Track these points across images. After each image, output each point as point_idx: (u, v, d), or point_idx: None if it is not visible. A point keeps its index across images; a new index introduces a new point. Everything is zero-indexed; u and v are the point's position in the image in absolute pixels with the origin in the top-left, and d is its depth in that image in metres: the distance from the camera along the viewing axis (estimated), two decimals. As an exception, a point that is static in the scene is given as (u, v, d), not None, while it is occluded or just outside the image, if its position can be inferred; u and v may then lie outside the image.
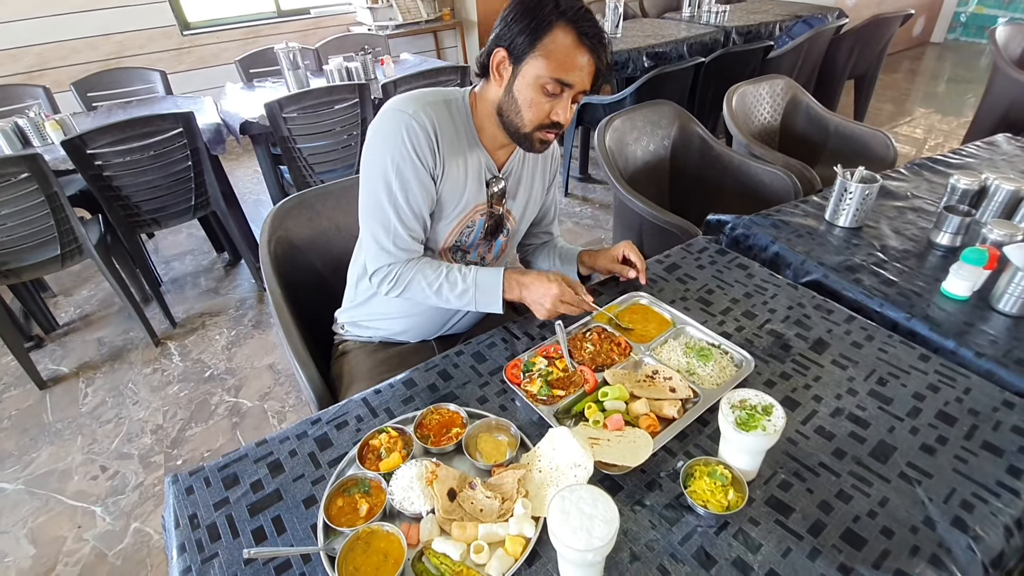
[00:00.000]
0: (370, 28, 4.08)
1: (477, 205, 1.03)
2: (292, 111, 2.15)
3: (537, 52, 0.86)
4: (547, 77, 0.86)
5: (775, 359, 0.95)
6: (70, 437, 1.85)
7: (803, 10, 4.11)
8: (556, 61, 0.86)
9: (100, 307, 2.51)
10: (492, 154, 1.02)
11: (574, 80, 0.87)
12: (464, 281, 0.97)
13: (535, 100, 0.89)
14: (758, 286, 1.13)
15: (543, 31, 0.85)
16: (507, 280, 0.97)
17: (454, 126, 0.97)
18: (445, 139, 0.95)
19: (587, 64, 0.87)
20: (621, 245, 1.12)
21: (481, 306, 0.97)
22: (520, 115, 0.91)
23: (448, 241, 1.05)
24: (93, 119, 2.45)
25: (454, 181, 0.99)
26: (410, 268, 0.98)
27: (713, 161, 1.98)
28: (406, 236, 0.97)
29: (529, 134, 0.93)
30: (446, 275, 0.97)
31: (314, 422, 0.87)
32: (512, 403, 0.88)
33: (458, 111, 0.98)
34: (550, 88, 0.87)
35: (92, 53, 3.56)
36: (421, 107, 0.93)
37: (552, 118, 0.90)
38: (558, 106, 0.90)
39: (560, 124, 0.92)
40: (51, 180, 1.84)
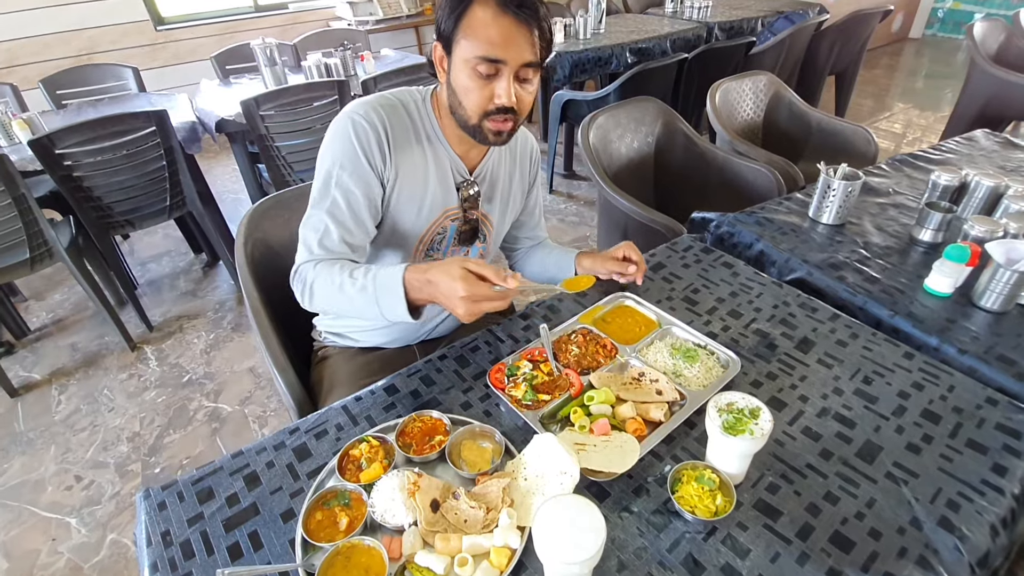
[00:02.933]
0: (350, 23, 4.01)
1: (447, 210, 0.99)
2: (269, 108, 2.10)
3: (461, 35, 0.82)
4: (474, 58, 0.81)
5: (761, 359, 0.94)
6: (43, 446, 1.79)
7: (785, 5, 4.14)
8: (479, 39, 0.80)
9: (73, 311, 2.44)
10: (463, 157, 0.98)
11: (503, 55, 0.80)
12: (364, 277, 0.83)
13: (471, 86, 0.84)
14: (743, 285, 1.13)
15: (464, 11, 0.81)
16: (410, 278, 0.80)
17: (412, 128, 0.93)
18: (399, 141, 0.91)
19: (515, 34, 0.80)
20: (622, 246, 1.10)
21: (386, 309, 0.82)
22: (463, 106, 0.87)
23: (419, 250, 1.01)
24: (62, 117, 2.37)
25: (413, 184, 0.94)
26: (320, 267, 0.88)
27: (697, 158, 1.98)
28: (336, 238, 0.89)
29: (477, 125, 0.87)
30: (351, 272, 0.85)
31: (292, 431, 0.84)
32: (497, 408, 0.87)
33: (417, 112, 0.94)
34: (482, 70, 0.82)
35: (63, 49, 3.45)
36: (372, 108, 0.90)
37: (495, 102, 0.84)
38: (497, 88, 0.83)
39: (508, 109, 0.84)
40: (18, 181, 1.78)
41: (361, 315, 0.83)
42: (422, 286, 0.80)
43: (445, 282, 0.77)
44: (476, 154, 1.00)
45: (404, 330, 1.12)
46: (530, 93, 0.88)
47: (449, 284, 0.76)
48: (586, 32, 3.32)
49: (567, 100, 2.96)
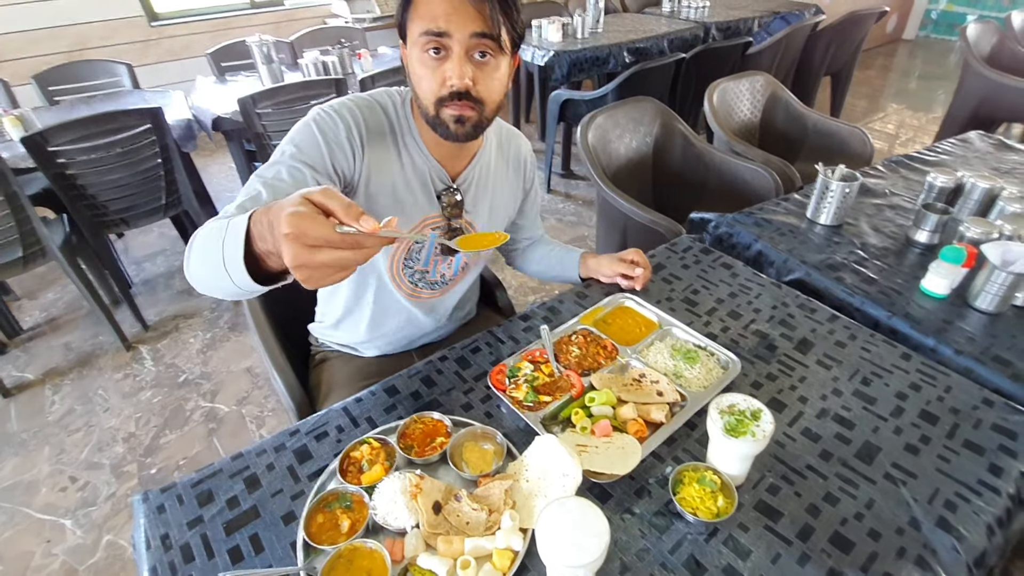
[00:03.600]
0: (347, 21, 3.99)
1: (426, 218, 0.95)
2: (266, 106, 2.09)
3: (411, 18, 0.78)
4: (419, 36, 0.76)
5: (761, 360, 0.95)
6: (36, 447, 1.78)
7: (781, 6, 4.15)
8: (423, 15, 0.75)
9: (67, 310, 2.42)
10: (445, 163, 0.93)
11: (445, 26, 0.74)
12: (227, 219, 0.60)
13: (421, 71, 0.79)
14: (742, 286, 1.13)
15: None
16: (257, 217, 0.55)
17: (389, 129, 0.89)
18: (373, 140, 0.87)
19: (460, 3, 0.74)
20: (630, 251, 1.10)
21: (229, 259, 0.56)
22: (419, 95, 0.82)
23: (396, 259, 0.97)
24: (55, 114, 2.35)
25: (385, 188, 0.89)
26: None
27: (695, 158, 1.98)
28: (252, 208, 0.66)
29: (436, 116, 0.81)
30: (224, 218, 0.64)
31: (292, 433, 0.83)
32: (498, 409, 0.87)
33: (395, 114, 0.90)
34: (429, 47, 0.76)
35: (53, 44, 3.41)
36: (345, 104, 0.86)
37: (447, 84, 0.78)
38: (447, 68, 0.77)
39: (462, 92, 0.78)
40: (10, 179, 1.76)
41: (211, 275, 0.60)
42: (264, 231, 0.54)
43: (277, 217, 0.51)
44: (460, 160, 0.95)
45: (399, 340, 1.11)
46: (494, 77, 0.80)
47: (278, 218, 0.50)
48: (584, 32, 3.32)
49: (565, 99, 2.96)
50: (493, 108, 0.84)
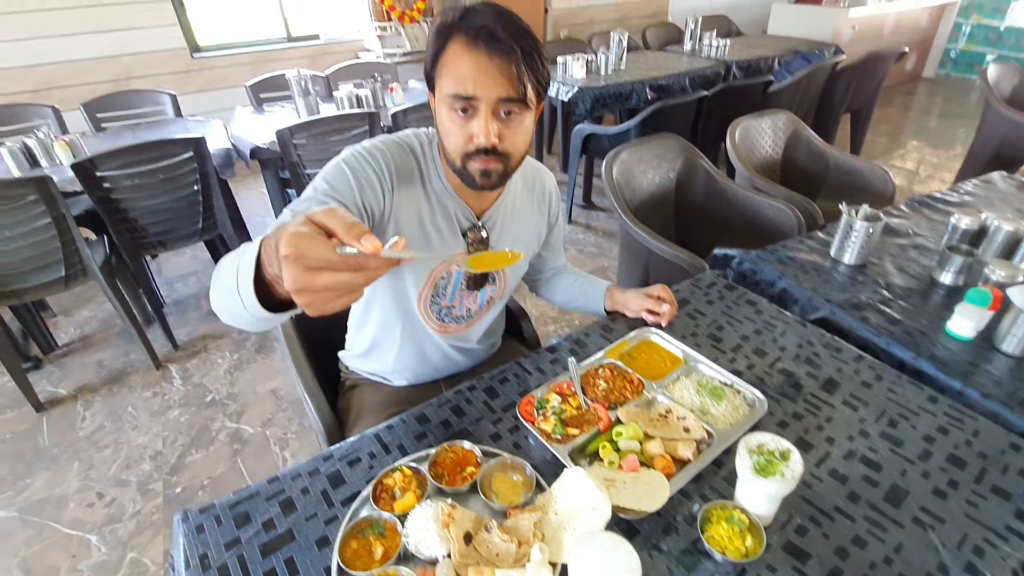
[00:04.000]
0: (378, 55, 4.15)
1: (452, 255, 0.98)
2: (302, 137, 2.18)
3: (439, 73, 0.81)
4: (448, 96, 0.80)
5: (787, 398, 0.95)
6: (66, 463, 1.82)
7: (800, 45, 4.23)
8: (452, 76, 0.79)
9: (101, 328, 2.50)
10: (469, 201, 0.96)
11: (474, 91, 0.78)
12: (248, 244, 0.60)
13: (449, 127, 0.83)
14: (767, 323, 1.14)
15: (441, 48, 0.80)
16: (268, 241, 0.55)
17: (417, 170, 0.93)
18: (401, 179, 0.90)
19: (489, 69, 0.77)
20: (657, 287, 1.13)
21: (242, 283, 0.56)
22: (446, 147, 0.86)
23: (423, 295, 1.00)
24: (102, 140, 2.47)
25: (411, 226, 0.92)
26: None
27: (717, 194, 2.01)
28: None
29: (462, 167, 0.85)
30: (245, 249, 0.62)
31: (326, 458, 0.86)
32: (526, 440, 0.88)
33: (423, 155, 0.94)
34: (457, 107, 0.80)
35: (101, 73, 3.60)
36: (375, 144, 0.90)
37: (474, 142, 0.81)
38: (473, 126, 0.81)
39: (489, 149, 0.81)
40: (59, 202, 1.85)
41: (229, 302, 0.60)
42: (271, 255, 0.54)
43: (279, 236, 0.49)
44: (486, 199, 0.98)
45: (428, 372, 1.13)
46: (520, 131, 0.84)
47: (279, 239, 0.49)
48: (607, 68, 3.42)
49: (588, 134, 3.03)
50: (518, 159, 0.88)
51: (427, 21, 4.40)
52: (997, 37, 6.18)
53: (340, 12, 4.34)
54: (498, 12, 0.78)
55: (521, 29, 0.79)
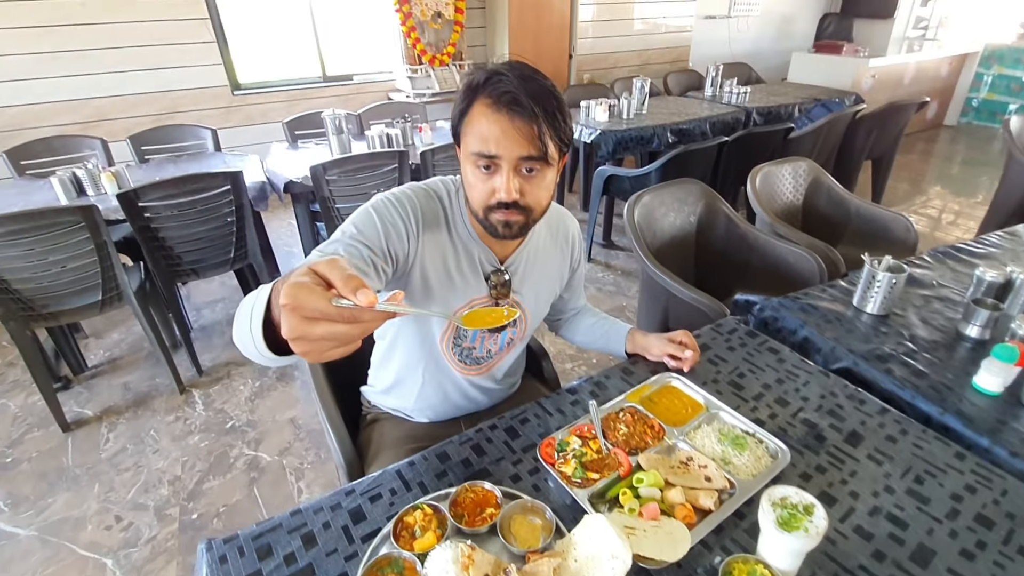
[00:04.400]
0: (408, 96, 4.32)
1: (473, 299, 1.00)
2: (335, 173, 2.27)
3: (465, 130, 0.85)
4: (472, 153, 0.84)
5: (810, 450, 0.94)
6: (87, 484, 1.85)
7: (821, 93, 4.30)
8: (476, 135, 0.83)
9: (129, 351, 2.57)
10: (493, 247, 0.99)
11: (496, 150, 0.82)
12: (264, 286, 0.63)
13: (473, 181, 0.87)
14: (789, 372, 1.14)
15: (467, 107, 0.84)
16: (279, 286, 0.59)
17: (443, 216, 0.96)
18: (428, 225, 0.93)
19: (510, 130, 0.81)
20: (679, 333, 1.14)
21: (255, 323, 0.60)
22: (470, 199, 0.90)
23: (446, 336, 1.03)
24: (145, 172, 2.60)
25: (437, 271, 0.95)
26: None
27: (738, 239, 2.03)
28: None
29: (485, 218, 0.89)
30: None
31: (348, 493, 0.87)
32: (545, 483, 0.89)
33: (449, 202, 0.97)
34: (481, 164, 0.84)
35: (148, 108, 3.81)
36: (403, 191, 0.93)
37: (496, 197, 0.85)
38: (496, 182, 0.84)
39: (511, 204, 0.85)
40: (102, 230, 1.94)
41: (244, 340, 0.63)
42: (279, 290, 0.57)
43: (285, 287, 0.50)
44: (509, 245, 1.01)
45: (449, 410, 1.15)
46: (541, 187, 0.88)
47: (281, 288, 0.52)
48: (630, 113, 3.51)
49: (609, 175, 3.09)
50: (540, 212, 0.91)
51: (455, 64, 4.59)
52: (1019, 87, 6.20)
53: (374, 54, 4.55)
54: (522, 76, 0.82)
55: (544, 90, 0.82)
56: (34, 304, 1.96)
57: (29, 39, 3.35)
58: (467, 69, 4.63)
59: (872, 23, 6.82)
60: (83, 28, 3.46)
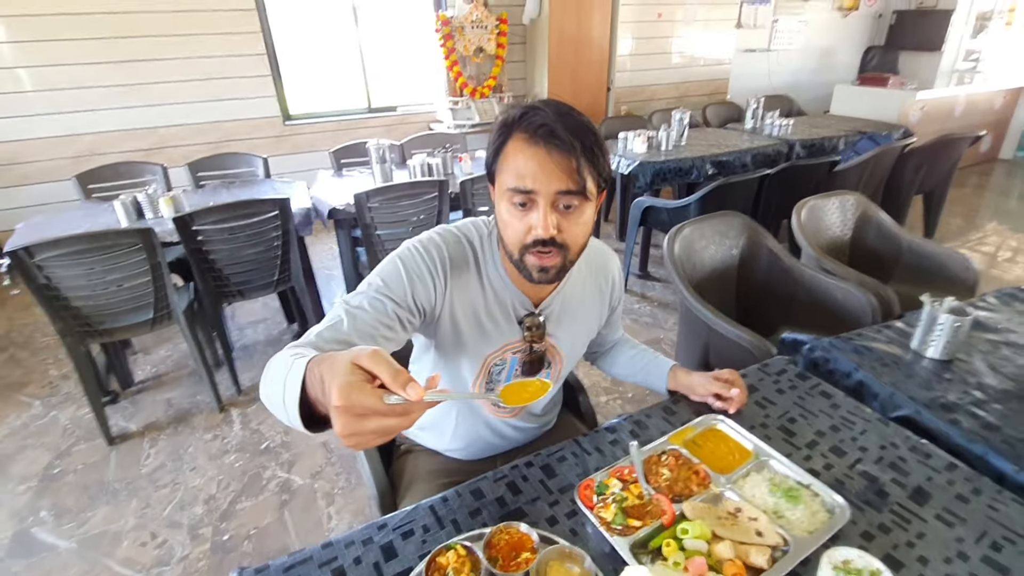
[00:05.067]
0: (449, 127, 4.44)
1: (506, 344, 0.98)
2: (377, 201, 2.32)
3: (500, 167, 0.83)
4: (507, 190, 0.81)
5: (871, 507, 0.87)
6: (126, 498, 1.89)
7: (867, 126, 4.19)
8: (511, 171, 0.81)
9: (174, 368, 2.65)
10: (527, 291, 0.96)
11: (532, 185, 0.79)
12: (297, 356, 0.64)
13: (508, 219, 0.84)
14: (845, 419, 1.07)
15: (502, 144, 0.82)
16: (312, 366, 0.60)
17: (474, 261, 0.94)
18: (457, 270, 0.91)
19: (547, 164, 0.78)
20: (725, 372, 1.10)
21: (288, 401, 0.61)
22: (504, 240, 0.87)
23: (478, 382, 1.01)
24: (200, 196, 2.72)
25: (467, 317, 0.94)
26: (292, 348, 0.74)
27: (782, 274, 1.96)
28: (345, 330, 0.80)
29: (520, 260, 0.85)
30: (296, 354, 0.67)
31: (380, 527, 0.85)
32: (583, 528, 0.85)
33: (480, 247, 0.95)
34: (516, 200, 0.81)
35: (206, 136, 4.03)
36: (432, 237, 0.92)
37: (532, 235, 0.82)
38: (532, 218, 0.81)
39: (547, 241, 0.81)
40: (158, 252, 2.03)
41: (276, 407, 0.66)
42: (316, 382, 0.59)
43: (328, 380, 0.54)
44: (544, 288, 0.96)
45: (483, 449, 1.13)
46: (579, 223, 0.84)
47: (330, 385, 0.53)
48: (668, 144, 3.49)
49: (647, 206, 3.06)
50: (577, 251, 0.87)
51: (496, 96, 4.70)
52: (1083, 121, 5.90)
53: (417, 86, 4.72)
54: (559, 111, 0.80)
55: (581, 125, 0.80)
56: (91, 320, 2.05)
57: (104, 72, 3.63)
58: (508, 101, 4.73)
59: (919, 55, 6.66)
60: (152, 63, 3.72)
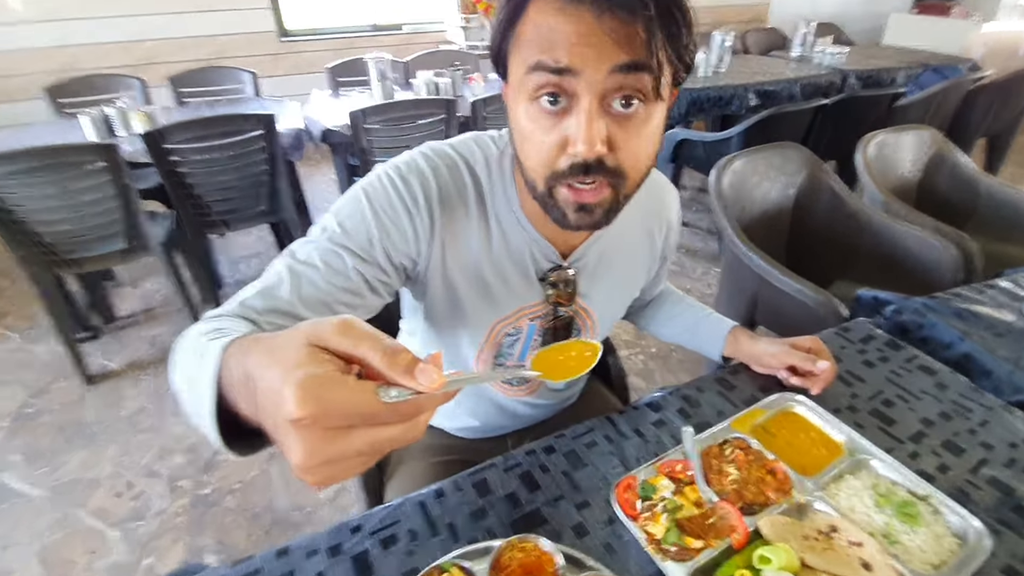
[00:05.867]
0: (460, 47, 4.02)
1: (522, 308, 0.73)
2: (376, 122, 2.03)
3: (516, 48, 0.53)
4: (527, 73, 0.51)
5: (1009, 528, 0.65)
6: (104, 443, 1.75)
7: (931, 59, 3.72)
8: (533, 42, 0.51)
9: (161, 303, 2.47)
10: (553, 238, 0.69)
11: (569, 60, 0.49)
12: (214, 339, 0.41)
13: (529, 130, 0.54)
14: (957, 404, 0.83)
15: (517, 18, 0.52)
16: (231, 357, 0.38)
17: (475, 195, 0.67)
18: (449, 211, 0.65)
19: (592, 28, 0.48)
20: (807, 338, 0.85)
21: (198, 403, 0.39)
22: (524, 163, 0.57)
23: (481, 358, 0.77)
24: (180, 114, 2.44)
25: (468, 275, 0.69)
26: (217, 321, 0.52)
27: (845, 219, 1.68)
28: (284, 300, 0.56)
29: (547, 194, 0.56)
30: (214, 329, 0.48)
31: (354, 530, 0.65)
32: (620, 540, 0.64)
33: (487, 174, 0.67)
34: (542, 93, 0.51)
35: (196, 52, 3.67)
36: (414, 163, 0.64)
37: (569, 151, 0.52)
38: (568, 125, 0.51)
39: (588, 164, 0.51)
40: (125, 172, 1.78)
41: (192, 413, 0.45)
42: (238, 383, 0.36)
43: (270, 378, 0.32)
44: (576, 234, 0.69)
45: (492, 428, 0.90)
46: (643, 135, 0.53)
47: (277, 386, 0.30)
48: (707, 70, 3.10)
49: (682, 139, 2.72)
50: (637, 181, 0.57)
51: (514, 14, 4.23)
52: None
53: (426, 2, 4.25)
54: None
55: None
56: (56, 249, 1.84)
57: (79, -26, 3.24)
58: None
59: (982, -15, 5.94)
60: (132, -36, 3.33)
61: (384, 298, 0.66)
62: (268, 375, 0.32)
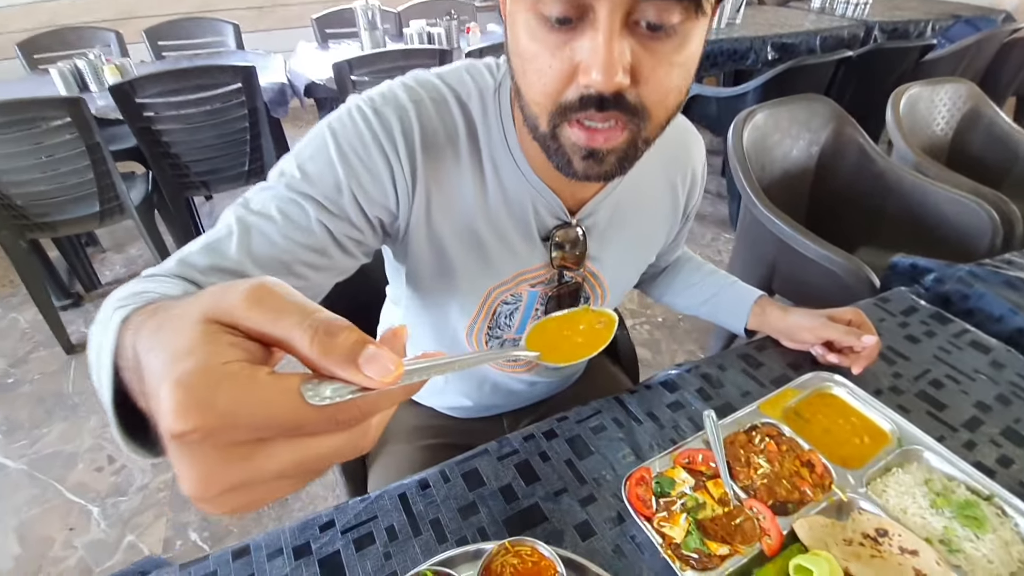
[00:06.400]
0: None
1: (521, 272, 0.62)
2: (363, 73, 1.87)
3: None
4: None
5: (1084, 531, 0.56)
6: (85, 415, 1.67)
7: (962, 10, 3.49)
8: None
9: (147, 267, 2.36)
10: (559, 189, 0.58)
11: None
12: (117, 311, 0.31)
13: (532, 52, 0.42)
14: (1017, 386, 0.73)
15: None
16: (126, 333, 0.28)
17: (467, 135, 0.55)
18: (434, 154, 0.54)
19: None
20: (847, 310, 0.74)
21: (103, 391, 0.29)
22: (524, 94, 0.46)
23: (476, 328, 0.66)
24: (155, 67, 2.28)
25: (456, 233, 0.58)
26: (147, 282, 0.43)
27: (872, 179, 1.55)
28: (233, 259, 0.47)
29: (551, 136, 0.45)
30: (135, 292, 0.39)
31: (324, 527, 0.56)
32: (632, 543, 0.55)
33: (481, 111, 0.56)
34: (554, 9, 0.39)
35: (180, 5, 3.46)
36: (393, 95, 0.53)
37: (580, 80, 0.41)
38: (581, 47, 0.40)
39: (603, 97, 0.40)
40: (93, 128, 1.65)
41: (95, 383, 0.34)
42: (131, 367, 0.26)
43: (151, 369, 0.23)
44: (587, 185, 0.59)
45: (486, 408, 0.81)
46: (674, 63, 0.42)
47: (152, 383, 0.22)
48: (721, 21, 2.90)
49: (694, 95, 2.55)
50: (662, 123, 0.45)
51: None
52: None
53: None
54: None
55: None
56: (27, 212, 1.72)
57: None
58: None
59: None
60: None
61: (357, 258, 0.55)
62: (152, 364, 0.23)
